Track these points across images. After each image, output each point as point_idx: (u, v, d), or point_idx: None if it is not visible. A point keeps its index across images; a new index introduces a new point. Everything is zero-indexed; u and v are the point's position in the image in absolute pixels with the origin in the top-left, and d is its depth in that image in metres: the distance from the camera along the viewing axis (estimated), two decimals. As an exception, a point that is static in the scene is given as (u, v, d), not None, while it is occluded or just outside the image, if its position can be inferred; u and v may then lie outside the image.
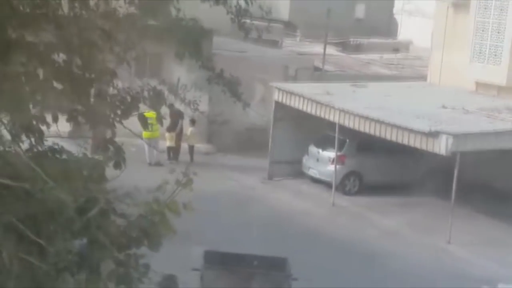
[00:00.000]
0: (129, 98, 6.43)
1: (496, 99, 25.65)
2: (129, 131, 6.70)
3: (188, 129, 27.47)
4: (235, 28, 8.77)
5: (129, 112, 6.30)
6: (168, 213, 5.03)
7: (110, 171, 5.82)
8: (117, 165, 5.93)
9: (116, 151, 5.98)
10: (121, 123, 6.35)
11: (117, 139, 6.18)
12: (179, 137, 27.53)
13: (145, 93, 6.61)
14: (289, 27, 38.94)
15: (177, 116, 25.95)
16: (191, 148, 27.54)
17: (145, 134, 19.60)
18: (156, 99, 6.57)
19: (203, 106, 20.39)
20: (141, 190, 5.41)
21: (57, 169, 5.32)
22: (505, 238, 21.97)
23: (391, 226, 22.77)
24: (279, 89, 26.35)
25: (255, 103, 23.13)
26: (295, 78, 29.91)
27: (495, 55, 25.91)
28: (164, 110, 6.95)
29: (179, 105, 8.63)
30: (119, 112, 6.23)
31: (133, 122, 6.56)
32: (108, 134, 6.31)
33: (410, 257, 20.31)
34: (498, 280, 11.61)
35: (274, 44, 35.17)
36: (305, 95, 25.29)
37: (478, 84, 26.67)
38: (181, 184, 5.13)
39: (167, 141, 27.09)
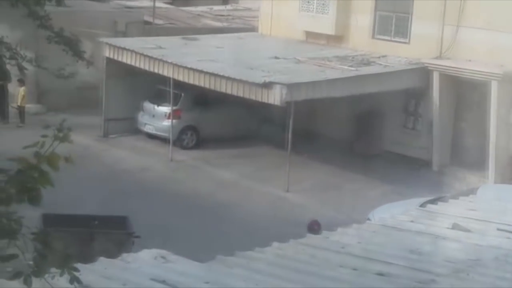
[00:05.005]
0: None
1: (326, 48, 26.14)
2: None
3: (19, 90, 26.50)
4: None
5: None
6: (46, 167, 4.83)
7: None
8: None
9: None
10: None
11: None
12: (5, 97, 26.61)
13: None
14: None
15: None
16: (22, 109, 26.64)
17: None
18: None
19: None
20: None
21: None
22: (339, 184, 22.57)
23: (230, 178, 22.89)
24: (110, 45, 25.74)
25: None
26: (125, 33, 29.31)
27: (323, 4, 26.33)
28: None
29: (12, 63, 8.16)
30: None
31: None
32: None
33: (249, 207, 20.52)
34: (336, 225, 11.83)
35: (101, -2, 34.28)
36: (137, 50, 24.84)
37: (308, 34, 27.08)
38: (59, 138, 4.91)
39: None
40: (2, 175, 4.90)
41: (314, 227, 11.86)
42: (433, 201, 14.90)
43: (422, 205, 14.50)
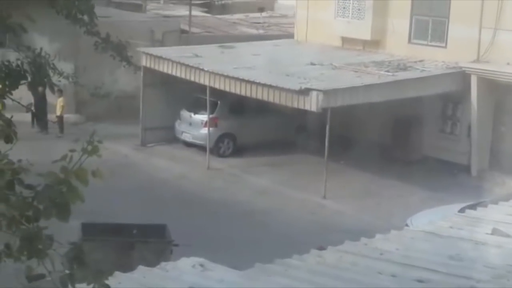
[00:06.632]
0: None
1: (362, 54, 26.07)
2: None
3: (57, 100, 26.79)
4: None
5: (17, 83, 5.97)
6: (75, 181, 4.80)
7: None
8: (8, 139, 5.63)
9: (6, 124, 5.67)
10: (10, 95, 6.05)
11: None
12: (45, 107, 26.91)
13: (26, 66, 6.29)
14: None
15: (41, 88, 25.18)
16: (60, 119, 26.93)
17: None
18: (38, 73, 6.24)
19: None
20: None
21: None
22: (377, 190, 22.46)
23: (267, 185, 22.89)
24: (147, 54, 25.92)
25: (123, 70, 22.64)
26: (162, 42, 29.51)
27: (359, 10, 26.27)
28: None
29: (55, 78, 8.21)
30: (7, 83, 5.90)
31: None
32: None
33: (287, 213, 20.50)
34: (375, 232, 11.76)
35: (138, 8, 34.59)
36: (174, 59, 24.97)
37: (344, 40, 27.03)
38: (87, 152, 4.87)
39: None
40: (30, 191, 4.89)
41: None
42: (472, 207, 14.77)
43: (461, 210, 14.37)
